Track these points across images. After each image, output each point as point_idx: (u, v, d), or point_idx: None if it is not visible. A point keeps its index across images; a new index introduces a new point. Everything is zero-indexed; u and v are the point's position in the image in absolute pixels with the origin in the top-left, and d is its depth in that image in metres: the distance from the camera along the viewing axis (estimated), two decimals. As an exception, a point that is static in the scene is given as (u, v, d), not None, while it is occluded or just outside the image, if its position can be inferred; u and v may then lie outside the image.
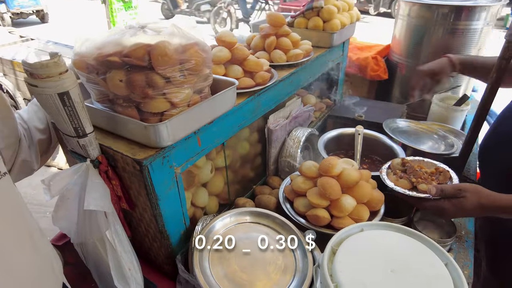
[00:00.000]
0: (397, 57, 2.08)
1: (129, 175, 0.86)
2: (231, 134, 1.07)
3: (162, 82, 0.82)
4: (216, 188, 1.15)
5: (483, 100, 1.22)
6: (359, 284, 0.68)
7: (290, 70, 1.34)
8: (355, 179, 1.01)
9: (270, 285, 0.87)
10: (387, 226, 0.83)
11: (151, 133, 0.80)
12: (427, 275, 0.72)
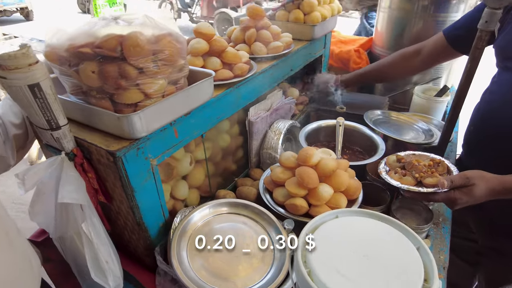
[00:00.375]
0: (380, 50, 2.10)
1: (104, 167, 0.86)
2: (210, 126, 1.07)
3: (135, 72, 0.81)
4: (196, 180, 1.15)
5: (458, 90, 1.24)
6: (332, 269, 0.69)
7: (270, 62, 1.34)
8: (332, 168, 1.02)
9: (248, 273, 0.88)
10: (362, 213, 0.85)
11: (124, 124, 0.80)
12: (399, 259, 0.73)
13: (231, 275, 0.87)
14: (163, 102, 0.85)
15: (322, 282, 0.66)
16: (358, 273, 0.68)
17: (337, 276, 0.67)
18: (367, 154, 1.47)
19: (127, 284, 1.00)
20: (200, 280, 0.85)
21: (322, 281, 0.66)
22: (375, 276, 0.68)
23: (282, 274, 0.85)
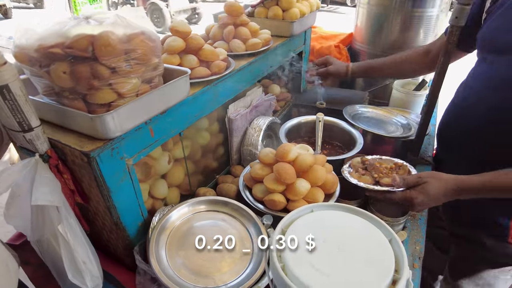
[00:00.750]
0: (359, 45, 2.12)
1: (79, 168, 0.85)
2: (187, 124, 1.07)
3: (107, 72, 0.81)
4: (176, 179, 1.15)
5: (433, 84, 1.27)
6: (306, 263, 0.71)
7: (249, 59, 1.35)
8: (309, 163, 1.03)
9: (227, 270, 0.89)
10: (337, 207, 0.86)
11: (97, 124, 0.79)
12: (371, 251, 0.75)
13: (211, 272, 0.88)
14: (136, 101, 0.84)
15: (295, 276, 0.67)
16: (331, 266, 0.70)
17: (310, 270, 0.69)
18: (346, 148, 1.50)
19: (107, 284, 1.00)
20: (179, 278, 0.86)
21: (296, 275, 0.67)
22: (348, 268, 0.70)
23: (259, 270, 0.87)
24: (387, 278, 0.68)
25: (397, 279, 0.69)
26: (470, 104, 1.18)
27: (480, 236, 1.20)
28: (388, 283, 0.68)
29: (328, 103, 1.73)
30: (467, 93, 1.21)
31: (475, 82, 1.19)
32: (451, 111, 1.30)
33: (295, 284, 0.66)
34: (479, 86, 1.15)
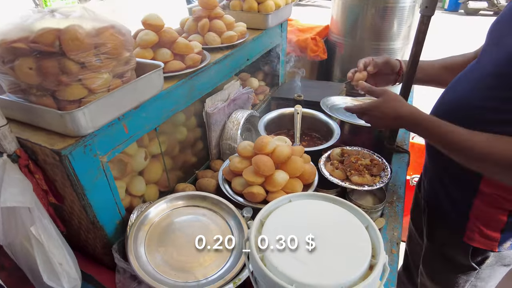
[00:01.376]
0: (336, 37, 2.14)
1: (51, 167, 0.83)
2: (163, 119, 1.06)
3: (76, 67, 0.78)
4: (153, 175, 1.14)
5: (406, 74, 1.30)
6: (284, 253, 0.71)
7: (225, 52, 1.34)
8: (287, 155, 1.04)
9: (208, 264, 0.88)
10: (314, 196, 0.87)
11: (68, 121, 0.77)
12: (348, 238, 0.76)
13: (191, 267, 0.88)
14: (108, 97, 0.82)
15: (274, 266, 0.68)
16: (308, 254, 0.71)
17: (289, 259, 0.69)
18: (324, 139, 1.51)
19: (86, 285, 0.98)
20: (159, 274, 0.85)
21: (275, 265, 0.68)
22: (325, 256, 0.71)
23: (240, 262, 0.87)
24: (364, 264, 0.69)
25: (374, 264, 0.70)
26: (457, 102, 1.10)
27: (442, 231, 1.21)
28: (365, 268, 0.69)
29: (306, 95, 1.74)
30: (454, 88, 1.20)
31: (466, 77, 1.12)
32: (440, 106, 1.26)
33: (275, 274, 0.67)
34: (467, 86, 1.08)
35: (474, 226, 1.06)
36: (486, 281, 1.18)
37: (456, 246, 1.14)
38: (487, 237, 1.05)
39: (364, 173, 1.16)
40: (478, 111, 0.94)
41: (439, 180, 1.14)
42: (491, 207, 1.01)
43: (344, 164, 1.21)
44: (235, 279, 0.83)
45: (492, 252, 1.07)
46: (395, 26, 1.98)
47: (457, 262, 1.17)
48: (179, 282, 0.83)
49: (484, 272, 1.14)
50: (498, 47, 0.91)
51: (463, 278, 1.19)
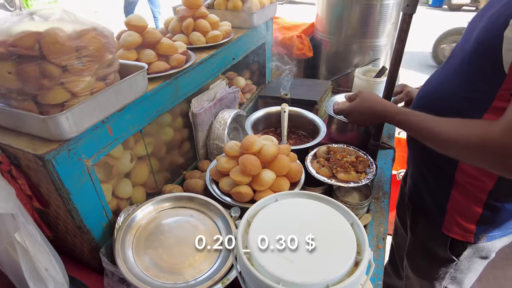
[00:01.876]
0: (321, 35, 2.16)
1: (35, 172, 0.82)
2: (148, 120, 1.05)
3: (58, 71, 0.78)
4: (140, 177, 1.13)
5: (390, 71, 1.32)
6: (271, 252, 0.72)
7: (210, 52, 1.33)
8: (274, 154, 1.05)
9: (196, 265, 0.89)
10: (300, 194, 0.88)
11: (50, 125, 0.76)
12: (333, 235, 0.77)
13: (180, 268, 0.88)
14: (91, 100, 0.82)
15: (261, 265, 0.68)
16: (295, 252, 0.72)
17: (276, 258, 0.70)
18: (311, 137, 1.52)
19: (74, 290, 0.97)
20: (148, 276, 0.85)
21: (261, 264, 0.69)
22: (311, 253, 0.72)
23: (228, 263, 0.87)
24: (349, 261, 0.70)
25: (359, 260, 0.72)
26: (429, 90, 1.16)
27: (423, 223, 1.24)
28: (350, 265, 0.70)
29: (292, 93, 1.75)
30: (430, 81, 1.22)
31: (439, 71, 1.17)
32: (418, 99, 1.30)
33: (261, 273, 0.68)
34: (438, 75, 1.13)
35: (452, 217, 1.09)
36: (465, 273, 1.21)
37: (435, 238, 1.18)
38: (463, 229, 1.08)
39: (350, 170, 1.18)
40: (450, 101, 0.98)
41: (419, 173, 1.18)
42: (467, 198, 1.04)
43: (330, 162, 1.22)
44: (224, 279, 0.84)
45: (469, 243, 1.10)
46: (379, 24, 2.01)
47: (437, 254, 1.20)
48: (167, 284, 0.83)
49: (462, 264, 1.18)
50: (468, 40, 0.95)
51: (443, 270, 1.22)
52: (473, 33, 0.93)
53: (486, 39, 0.85)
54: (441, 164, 1.06)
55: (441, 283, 1.28)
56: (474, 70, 0.92)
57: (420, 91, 1.23)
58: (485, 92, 0.89)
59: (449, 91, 1.01)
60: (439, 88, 1.07)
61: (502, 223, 1.05)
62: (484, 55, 0.87)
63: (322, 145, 1.33)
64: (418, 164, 1.18)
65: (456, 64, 1.00)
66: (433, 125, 0.91)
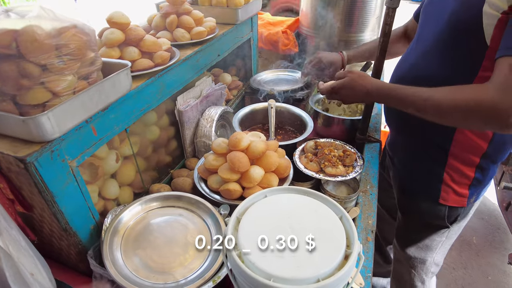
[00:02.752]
0: (306, 30, 2.16)
1: (16, 175, 0.79)
2: (133, 119, 1.03)
3: (38, 70, 0.75)
4: (126, 177, 1.11)
5: (375, 65, 1.33)
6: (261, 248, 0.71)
7: (194, 48, 1.32)
8: (262, 150, 1.04)
9: (187, 264, 0.88)
10: (289, 190, 0.88)
11: (31, 127, 0.74)
12: (323, 229, 0.77)
13: (171, 268, 0.87)
14: (74, 99, 0.79)
15: (251, 262, 0.68)
16: (285, 247, 0.71)
17: (266, 254, 0.70)
18: (298, 132, 1.53)
19: (61, 294, 0.95)
20: (137, 277, 0.84)
21: (252, 261, 0.68)
22: (301, 248, 0.72)
23: (218, 261, 0.87)
24: (339, 254, 0.71)
25: (348, 254, 0.72)
26: (403, 74, 1.22)
27: (418, 201, 1.30)
28: (340, 259, 0.70)
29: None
30: (399, 66, 1.26)
31: (410, 52, 1.22)
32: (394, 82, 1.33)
33: (252, 270, 0.67)
34: (408, 57, 1.20)
35: (448, 187, 1.17)
36: (452, 238, 1.32)
37: (432, 210, 1.25)
38: (459, 195, 1.18)
39: (338, 164, 1.18)
40: (429, 82, 1.00)
41: (410, 151, 1.24)
42: (461, 165, 1.12)
43: (318, 156, 1.23)
44: (214, 277, 0.84)
45: (462, 208, 1.21)
46: (363, 18, 2.02)
47: (432, 226, 1.29)
48: (158, 284, 0.82)
49: (453, 230, 1.28)
50: (437, 22, 1.03)
51: (436, 240, 1.32)
52: (442, 14, 1.00)
53: (465, 18, 0.92)
54: (435, 140, 1.12)
55: (433, 255, 1.36)
56: (453, 48, 0.98)
57: (392, 78, 1.27)
58: (469, 68, 0.95)
59: (427, 72, 1.07)
60: (414, 71, 1.14)
61: (486, 182, 1.18)
62: (464, 32, 0.93)
63: (309, 140, 1.33)
64: (409, 145, 1.24)
65: (429, 46, 1.06)
66: (428, 95, 0.94)
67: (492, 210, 2.87)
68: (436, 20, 1.05)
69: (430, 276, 1.46)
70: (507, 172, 2.41)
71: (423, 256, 1.38)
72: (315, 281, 0.67)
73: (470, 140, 1.07)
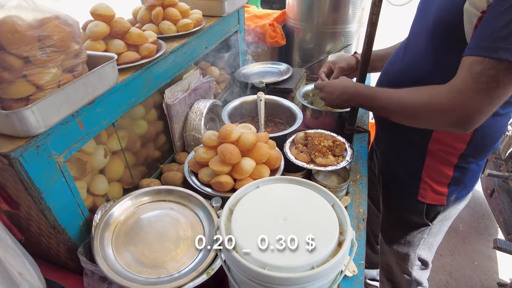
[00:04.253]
0: (293, 22, 2.15)
1: (0, 172, 0.77)
2: (120, 113, 1.01)
3: (20, 63, 0.73)
4: (115, 173, 1.09)
5: (362, 55, 1.33)
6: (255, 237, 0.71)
7: (181, 40, 1.30)
8: (252, 142, 1.04)
9: (179, 257, 0.87)
10: (281, 180, 0.88)
11: (15, 121, 0.71)
12: (316, 218, 0.78)
13: (163, 261, 0.86)
14: (59, 93, 0.77)
15: (245, 251, 0.68)
16: (279, 237, 0.71)
17: (257, 241, 0.70)
18: (288, 124, 1.53)
19: (51, 292, 0.93)
20: (130, 272, 0.82)
21: (246, 250, 0.68)
22: (295, 237, 0.72)
23: (212, 252, 0.86)
24: (332, 241, 0.71)
25: (342, 240, 0.72)
26: (394, 66, 1.21)
27: (398, 197, 1.31)
28: (334, 246, 0.71)
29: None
30: (392, 63, 1.27)
31: (398, 50, 1.24)
32: (380, 81, 1.35)
33: (247, 260, 0.67)
34: (400, 51, 1.20)
35: (426, 184, 1.17)
36: (435, 236, 1.33)
37: (411, 207, 1.26)
38: (437, 193, 1.17)
39: (328, 154, 1.19)
40: (415, 81, 1.01)
41: (392, 149, 1.25)
42: (440, 164, 1.12)
43: (308, 147, 1.23)
44: (208, 269, 0.83)
45: (441, 206, 1.21)
46: (350, 10, 2.02)
47: (413, 223, 1.29)
48: (151, 278, 0.81)
49: (434, 228, 1.28)
50: (426, 18, 1.01)
51: (418, 236, 1.32)
52: (430, 11, 0.99)
53: (447, 16, 0.91)
54: (414, 138, 1.12)
55: (415, 251, 1.37)
56: (438, 46, 0.98)
57: (382, 80, 1.28)
58: (450, 64, 0.93)
59: (414, 71, 1.07)
60: (403, 73, 1.12)
61: (467, 182, 1.17)
62: (447, 30, 0.92)
63: (299, 131, 1.33)
64: (391, 139, 1.25)
65: (419, 48, 1.05)
66: (396, 96, 0.99)
67: (477, 197, 2.95)
68: (425, 17, 1.03)
69: (417, 269, 1.47)
70: (491, 160, 2.48)
71: (406, 251, 1.39)
72: (310, 268, 0.67)
73: (447, 139, 1.06)
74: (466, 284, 2.36)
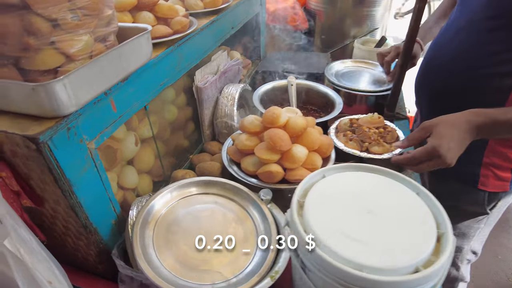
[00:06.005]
0: (315, 5, 2.02)
1: (24, 160, 0.64)
2: (153, 95, 0.88)
3: (47, 26, 0.60)
4: (145, 164, 0.96)
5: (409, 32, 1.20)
6: (337, 231, 0.59)
7: (209, 18, 1.17)
8: (303, 126, 0.92)
9: (232, 259, 0.74)
10: (347, 167, 0.76)
11: (43, 97, 0.58)
12: (403, 208, 0.66)
13: (213, 264, 0.73)
14: (91, 65, 0.64)
15: (333, 251, 0.55)
16: (365, 232, 0.59)
17: (343, 238, 0.58)
18: (322, 111, 1.40)
19: (81, 302, 0.81)
20: (178, 278, 0.70)
21: (334, 250, 0.56)
22: (385, 232, 0.60)
23: (271, 254, 0.74)
24: (432, 236, 0.59)
25: (441, 234, 0.61)
26: (443, 50, 1.13)
27: (455, 187, 1.20)
28: (434, 241, 0.59)
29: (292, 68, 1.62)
30: (439, 46, 1.16)
31: (447, 28, 1.14)
32: (425, 65, 1.23)
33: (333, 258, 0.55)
34: (450, 31, 1.11)
35: (488, 170, 1.08)
36: (491, 225, 1.24)
37: (469, 195, 1.16)
38: (500, 179, 1.08)
39: (381, 142, 1.07)
40: (481, 60, 0.93)
41: None
42: (503, 148, 1.04)
43: (356, 134, 1.11)
44: (271, 273, 0.71)
45: (503, 193, 1.12)
46: (374, -10, 1.90)
47: (469, 212, 1.19)
48: (205, 285, 0.69)
49: (492, 216, 1.19)
50: (475, 12, 0.93)
51: (474, 227, 1.23)
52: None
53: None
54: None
55: (469, 243, 1.28)
56: (497, 40, 0.88)
57: (428, 61, 1.16)
58: None
59: (465, 65, 0.98)
60: (451, 63, 1.05)
61: None
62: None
63: (342, 117, 1.21)
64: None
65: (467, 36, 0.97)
66: None
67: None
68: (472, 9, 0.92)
69: (466, 263, 1.38)
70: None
71: (459, 244, 1.29)
72: (413, 270, 0.55)
73: None
74: (492, 279, 2.28)
